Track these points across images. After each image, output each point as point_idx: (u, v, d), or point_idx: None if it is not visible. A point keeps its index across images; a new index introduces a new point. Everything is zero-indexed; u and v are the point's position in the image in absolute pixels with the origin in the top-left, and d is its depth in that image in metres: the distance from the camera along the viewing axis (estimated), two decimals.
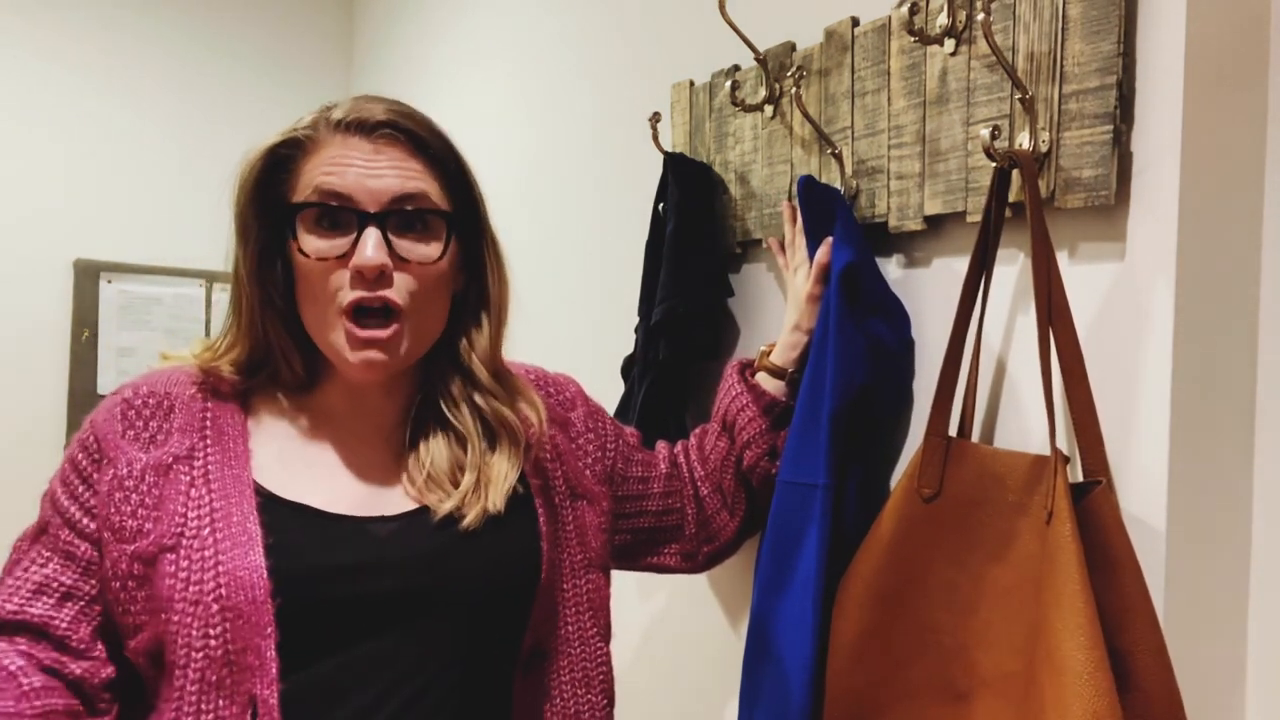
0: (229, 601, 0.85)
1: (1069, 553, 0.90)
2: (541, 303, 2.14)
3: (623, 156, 1.80)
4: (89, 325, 2.90)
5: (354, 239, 0.90)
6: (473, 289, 1.02)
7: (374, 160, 0.92)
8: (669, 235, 1.47)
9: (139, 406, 0.94)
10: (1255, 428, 0.99)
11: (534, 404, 1.05)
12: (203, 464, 0.91)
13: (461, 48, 2.56)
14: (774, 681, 1.16)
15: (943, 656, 1.05)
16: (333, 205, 0.91)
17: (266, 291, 0.95)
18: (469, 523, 0.94)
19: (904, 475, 1.10)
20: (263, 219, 0.94)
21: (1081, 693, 0.86)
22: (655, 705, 1.69)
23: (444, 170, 0.96)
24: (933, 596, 1.07)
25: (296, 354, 0.97)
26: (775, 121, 1.39)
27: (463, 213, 0.98)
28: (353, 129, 0.92)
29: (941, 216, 1.16)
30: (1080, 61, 0.98)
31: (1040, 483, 0.98)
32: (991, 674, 1.01)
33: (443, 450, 0.98)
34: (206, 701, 0.84)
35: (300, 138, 0.93)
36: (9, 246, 2.83)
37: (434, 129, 0.97)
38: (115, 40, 2.96)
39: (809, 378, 1.18)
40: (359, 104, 0.94)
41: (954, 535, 1.05)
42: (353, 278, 0.90)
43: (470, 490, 0.96)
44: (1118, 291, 0.99)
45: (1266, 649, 0.99)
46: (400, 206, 0.92)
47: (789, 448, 1.19)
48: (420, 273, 0.93)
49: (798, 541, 1.15)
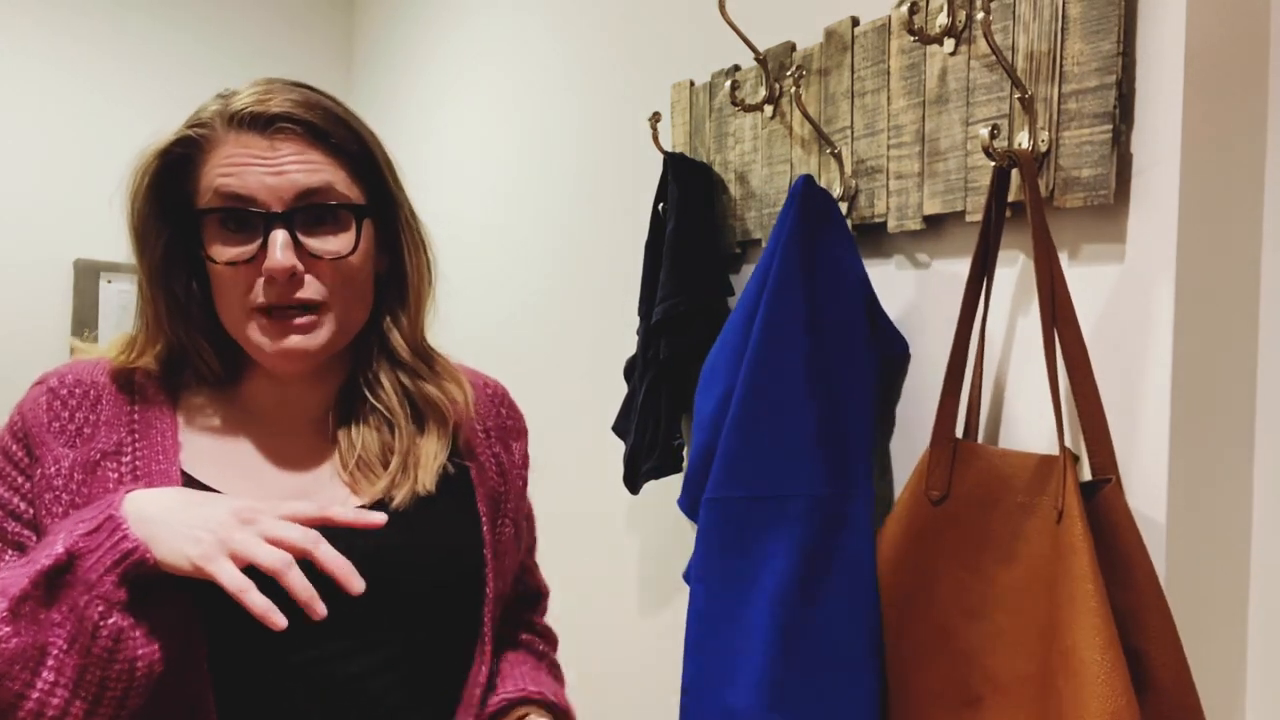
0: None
1: (1081, 552, 0.90)
2: (541, 302, 2.14)
3: (623, 156, 1.80)
4: (89, 325, 2.90)
5: (261, 241, 0.87)
6: (395, 271, 0.98)
7: (273, 157, 0.88)
8: (669, 235, 1.47)
9: (64, 396, 0.90)
10: (1255, 428, 0.99)
11: (460, 383, 1.01)
12: (130, 459, 0.89)
13: (461, 48, 2.56)
14: (829, 692, 1.12)
15: (955, 660, 1.04)
16: (235, 209, 0.87)
17: (173, 295, 0.92)
18: (397, 503, 0.91)
19: (911, 478, 1.09)
20: (164, 222, 0.91)
21: (1099, 693, 0.85)
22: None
23: (348, 157, 0.92)
24: (943, 600, 1.06)
25: (212, 352, 0.94)
26: (775, 121, 1.39)
27: (375, 197, 0.94)
28: (247, 124, 0.88)
29: (941, 216, 1.16)
30: (1080, 61, 0.98)
31: (1049, 482, 0.97)
32: (1005, 677, 1.00)
33: (371, 434, 0.95)
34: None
35: (195, 136, 0.89)
36: (9, 246, 2.83)
37: (334, 115, 0.91)
38: (115, 40, 2.96)
39: (805, 393, 1.16)
40: (257, 95, 0.89)
41: (963, 538, 1.05)
42: (265, 281, 0.88)
43: (399, 472, 0.93)
44: (1118, 292, 0.99)
45: (1266, 649, 0.98)
46: (306, 202, 0.88)
47: (816, 459, 1.15)
48: (334, 267, 0.90)
49: (834, 556, 1.14)
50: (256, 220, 0.88)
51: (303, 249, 0.88)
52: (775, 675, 1.12)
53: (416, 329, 1.00)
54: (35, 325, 2.86)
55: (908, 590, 1.09)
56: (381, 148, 0.96)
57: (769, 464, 1.15)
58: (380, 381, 0.97)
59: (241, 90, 0.90)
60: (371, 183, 0.94)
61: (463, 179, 2.51)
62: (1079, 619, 0.89)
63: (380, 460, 0.94)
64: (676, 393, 1.51)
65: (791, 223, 1.18)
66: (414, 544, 0.92)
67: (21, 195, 2.84)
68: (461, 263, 2.44)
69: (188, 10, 3.05)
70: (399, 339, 0.98)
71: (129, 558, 0.76)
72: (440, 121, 2.66)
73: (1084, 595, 0.88)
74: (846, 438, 1.15)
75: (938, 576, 1.06)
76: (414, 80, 2.84)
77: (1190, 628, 0.95)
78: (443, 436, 0.97)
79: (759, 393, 1.16)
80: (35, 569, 0.76)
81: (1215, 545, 0.98)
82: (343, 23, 3.30)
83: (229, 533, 0.77)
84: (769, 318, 1.17)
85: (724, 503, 1.17)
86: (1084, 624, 0.88)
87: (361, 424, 0.96)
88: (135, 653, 0.76)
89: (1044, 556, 0.96)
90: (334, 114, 0.92)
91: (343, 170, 0.91)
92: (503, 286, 2.28)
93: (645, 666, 1.72)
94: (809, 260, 1.17)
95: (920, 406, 1.19)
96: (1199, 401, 0.96)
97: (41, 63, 2.87)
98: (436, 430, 0.97)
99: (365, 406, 0.96)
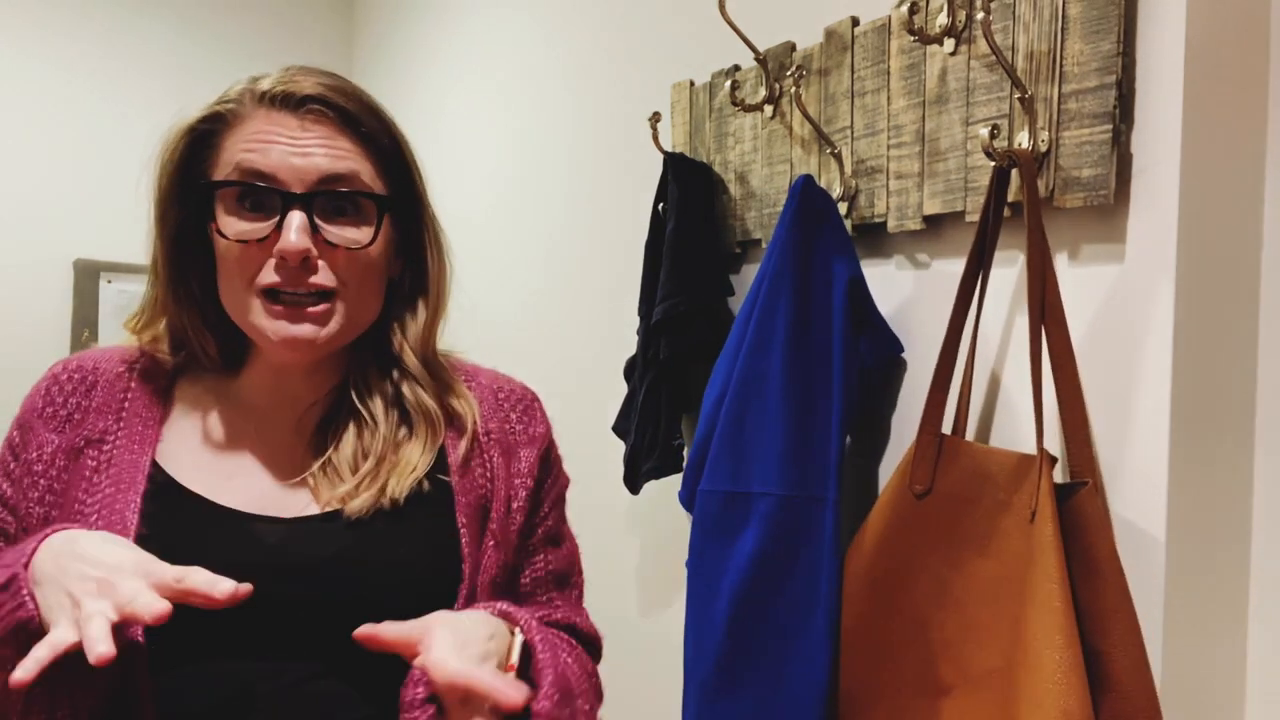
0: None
1: (1050, 552, 0.91)
2: (541, 302, 2.14)
3: (623, 156, 1.80)
4: (89, 325, 2.90)
5: (277, 222, 0.84)
6: (409, 275, 0.95)
7: (300, 137, 0.85)
8: (669, 235, 1.47)
9: (63, 382, 0.91)
10: (1255, 428, 0.99)
11: (466, 399, 0.96)
12: (110, 449, 0.87)
13: (461, 49, 2.56)
14: (774, 679, 1.17)
15: (930, 651, 1.06)
16: (255, 185, 0.84)
17: (182, 276, 0.90)
18: (353, 508, 0.85)
19: (896, 472, 1.10)
20: (183, 199, 0.88)
21: (1054, 691, 0.87)
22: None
23: (378, 149, 0.89)
24: (922, 592, 1.07)
25: (211, 339, 0.92)
26: (775, 121, 1.39)
27: (399, 195, 0.91)
28: (278, 103, 0.85)
29: (940, 216, 1.16)
30: (1080, 61, 0.98)
31: (1026, 481, 0.98)
32: (976, 670, 1.01)
33: (348, 438, 0.91)
34: (74, 693, 0.79)
35: (223, 112, 0.87)
36: (9, 246, 2.83)
37: (368, 105, 0.89)
38: (116, 41, 2.96)
39: (783, 394, 1.18)
40: (288, 75, 0.87)
41: (945, 532, 1.06)
42: (276, 263, 0.84)
43: (366, 478, 0.88)
44: (1117, 292, 0.99)
45: (1266, 649, 0.98)
46: (329, 188, 0.85)
47: (786, 459, 1.18)
48: (350, 258, 0.86)
49: (799, 554, 1.17)
50: (274, 200, 0.84)
51: (319, 235, 0.85)
52: (728, 658, 1.19)
53: (429, 336, 0.96)
54: (35, 325, 2.86)
55: (887, 580, 1.10)
56: (410, 146, 0.93)
57: (747, 461, 1.20)
58: (370, 387, 0.93)
59: (272, 73, 0.88)
60: (397, 178, 0.91)
61: (463, 179, 2.51)
62: (1042, 617, 0.90)
63: (351, 466, 0.89)
64: (676, 393, 1.51)
65: (788, 224, 1.19)
66: (368, 557, 0.86)
67: (21, 195, 2.84)
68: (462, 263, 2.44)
69: (188, 11, 3.05)
70: (405, 345, 0.94)
71: (22, 626, 0.74)
72: (440, 122, 2.66)
73: (1048, 595, 0.90)
74: (819, 442, 1.18)
75: (918, 569, 1.07)
76: (414, 82, 2.84)
77: (1190, 628, 0.95)
78: (430, 448, 0.92)
79: (745, 392, 1.20)
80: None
81: (1215, 545, 0.98)
82: (343, 24, 3.30)
83: (82, 603, 0.73)
84: (760, 319, 1.20)
85: (709, 495, 1.23)
86: (1046, 622, 0.90)
87: (341, 427, 0.91)
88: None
89: (1017, 554, 0.98)
90: (366, 103, 0.89)
91: (369, 161, 0.88)
92: (503, 286, 2.28)
93: (646, 666, 1.72)
94: (803, 263, 1.18)
95: (918, 406, 1.19)
96: (1199, 401, 0.96)
97: (41, 63, 2.87)
98: (423, 440, 0.92)
99: (349, 410, 0.92)
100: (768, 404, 1.18)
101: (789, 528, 1.17)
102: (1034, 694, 0.89)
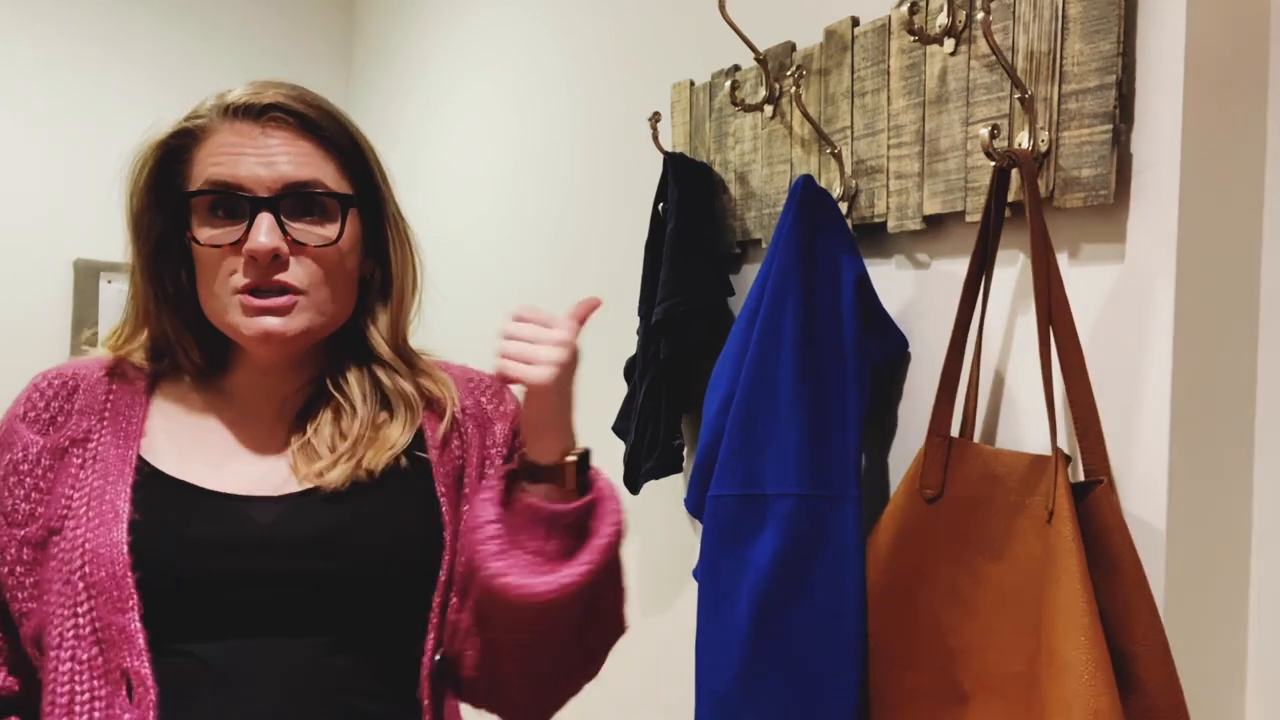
0: (92, 578, 0.85)
1: (1070, 553, 0.90)
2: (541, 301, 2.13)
3: (623, 156, 1.80)
4: (89, 325, 2.90)
5: (247, 225, 0.89)
6: (380, 273, 1.00)
7: (263, 145, 0.91)
8: (669, 235, 1.47)
9: (44, 389, 0.95)
10: (1255, 428, 0.99)
11: (443, 382, 1.02)
12: (95, 446, 0.92)
13: (462, 48, 2.56)
14: (803, 689, 1.14)
15: (946, 658, 1.05)
16: (224, 192, 0.90)
17: (162, 284, 0.95)
18: (329, 479, 0.91)
19: (906, 477, 1.10)
20: (158, 211, 0.94)
21: (1082, 693, 0.86)
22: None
23: (339, 151, 0.94)
24: (935, 598, 1.06)
25: (194, 343, 0.96)
26: (775, 121, 1.39)
27: (363, 195, 0.97)
28: (241, 114, 0.91)
29: (941, 216, 1.16)
30: (1080, 61, 0.98)
31: (1041, 482, 0.98)
32: (994, 675, 1.00)
33: (327, 421, 0.96)
34: (80, 680, 0.85)
35: (192, 128, 0.93)
36: (9, 246, 2.83)
37: (328, 110, 0.95)
38: (115, 40, 2.96)
39: (795, 394, 1.16)
40: (252, 88, 0.93)
41: (956, 536, 1.05)
42: (246, 263, 0.90)
43: (344, 456, 0.93)
44: (1118, 292, 0.99)
45: (1266, 649, 0.98)
46: (294, 191, 0.91)
47: (802, 459, 1.16)
48: (318, 255, 0.92)
49: (817, 554, 1.15)
50: (244, 205, 0.90)
51: (288, 235, 0.90)
52: (752, 669, 1.16)
53: (399, 328, 1.01)
54: (35, 325, 2.85)
55: (900, 587, 1.09)
56: (372, 147, 0.98)
57: (760, 463, 1.18)
58: (346, 377, 0.98)
59: (238, 87, 0.94)
60: (360, 179, 0.97)
61: (463, 179, 2.51)
62: (1065, 619, 0.89)
63: (329, 446, 0.95)
64: (676, 393, 1.51)
65: (790, 224, 1.19)
66: (351, 528, 0.91)
67: (21, 195, 2.84)
68: (462, 263, 2.44)
69: (189, 10, 3.05)
70: (378, 338, 0.99)
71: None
72: (440, 122, 2.66)
73: (1071, 595, 0.89)
74: (835, 440, 1.16)
75: (930, 574, 1.07)
76: (414, 81, 2.84)
77: (1190, 628, 0.95)
78: (409, 428, 0.97)
79: (755, 393, 1.18)
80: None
81: (1215, 545, 0.98)
82: (343, 23, 3.30)
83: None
84: (766, 320, 1.18)
85: (721, 500, 1.20)
86: (1070, 624, 0.89)
87: (320, 413, 0.97)
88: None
89: (1034, 556, 0.97)
90: (325, 109, 0.95)
91: (332, 164, 0.94)
92: (503, 286, 2.28)
93: (646, 667, 1.72)
94: (806, 262, 1.18)
95: (921, 406, 1.19)
96: (1199, 401, 0.96)
97: (41, 63, 2.87)
98: (402, 420, 0.97)
99: (327, 398, 0.98)
100: (779, 404, 1.16)
101: (809, 528, 1.14)
102: (1062, 696, 0.88)
